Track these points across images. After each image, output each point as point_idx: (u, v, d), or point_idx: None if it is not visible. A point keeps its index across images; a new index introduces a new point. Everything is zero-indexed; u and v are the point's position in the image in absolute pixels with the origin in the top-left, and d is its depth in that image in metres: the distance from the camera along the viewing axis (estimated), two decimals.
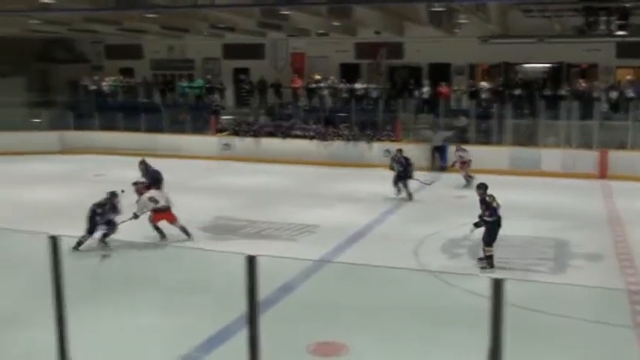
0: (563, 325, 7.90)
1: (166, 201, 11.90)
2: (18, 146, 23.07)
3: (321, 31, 24.35)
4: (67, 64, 29.94)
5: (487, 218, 10.17)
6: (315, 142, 22.20)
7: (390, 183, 15.86)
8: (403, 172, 15.84)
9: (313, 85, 25.12)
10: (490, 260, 10.16)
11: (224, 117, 25.16)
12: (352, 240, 12.13)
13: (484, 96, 22.83)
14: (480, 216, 10.31)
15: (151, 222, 11.82)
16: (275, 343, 4.76)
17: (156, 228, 11.86)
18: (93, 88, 27.37)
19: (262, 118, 24.02)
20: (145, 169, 14.31)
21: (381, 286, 8.90)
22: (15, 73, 28.67)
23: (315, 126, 22.84)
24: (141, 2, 16.72)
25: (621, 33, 19.31)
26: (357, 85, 24.52)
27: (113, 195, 11.52)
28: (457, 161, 18.25)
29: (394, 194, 15.75)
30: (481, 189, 10.50)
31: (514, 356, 3.96)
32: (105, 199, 11.41)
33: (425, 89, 23.38)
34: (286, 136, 22.72)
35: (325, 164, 21.15)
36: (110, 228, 11.29)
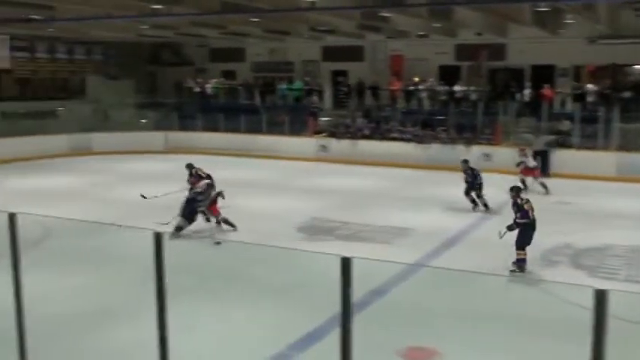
0: None
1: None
2: (126, 146, 24.20)
3: (421, 33, 24.16)
4: (174, 67, 31.19)
5: (519, 220, 10.07)
6: (412, 145, 22.05)
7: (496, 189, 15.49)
8: (471, 184, 15.06)
9: (411, 88, 24.95)
10: (521, 264, 9.96)
11: (322, 119, 25.41)
12: (447, 244, 11.97)
13: (590, 99, 21.94)
14: (514, 219, 10.18)
15: (212, 215, 12.37)
16: (366, 346, 4.77)
17: (224, 221, 12.49)
18: (197, 90, 28.32)
19: (359, 120, 24.08)
20: (191, 173, 14.37)
21: (477, 293, 8.74)
22: (125, 76, 30.22)
23: (412, 129, 22.68)
24: (245, 6, 17.15)
25: None
26: (457, 88, 24.16)
27: (210, 186, 12.47)
28: (521, 163, 17.49)
29: (471, 208, 14.97)
30: (513, 191, 10.50)
31: None
32: (204, 189, 12.33)
33: (526, 92, 22.73)
34: (383, 139, 22.69)
35: (422, 167, 20.97)
36: (208, 216, 12.15)
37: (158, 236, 4.56)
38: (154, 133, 25.75)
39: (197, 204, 12.25)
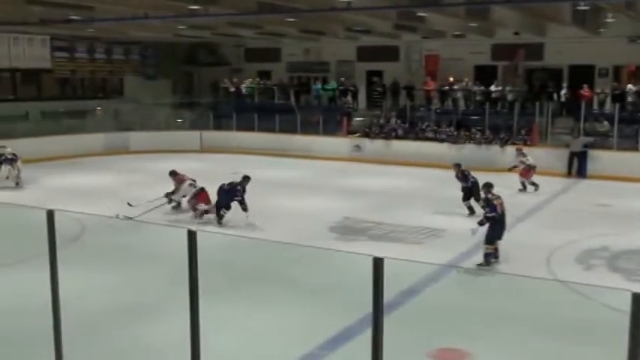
0: None
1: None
2: (162, 145, 24.45)
3: (457, 33, 23.97)
4: (210, 67, 31.47)
5: (488, 215, 10.47)
6: (446, 146, 21.89)
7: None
8: (467, 189, 14.34)
9: (446, 88, 24.78)
10: (488, 259, 10.35)
11: (356, 119, 25.39)
12: (480, 246, 11.83)
13: (630, 99, 21.52)
14: (483, 214, 10.64)
15: (193, 207, 13.84)
16: (396, 347, 4.77)
17: (206, 212, 13.74)
18: (232, 90, 28.51)
19: (393, 121, 23.99)
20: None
21: (509, 295, 8.64)
22: (162, 76, 30.62)
23: (447, 129, 22.52)
24: (281, 6, 17.23)
25: None
26: (493, 88, 23.91)
27: (246, 179, 13.52)
28: (518, 166, 17.25)
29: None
30: (484, 187, 11.05)
31: None
32: (239, 182, 13.48)
33: (562, 92, 22.41)
34: (417, 139, 22.58)
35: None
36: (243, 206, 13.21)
37: (192, 235, 4.62)
38: (190, 133, 26.00)
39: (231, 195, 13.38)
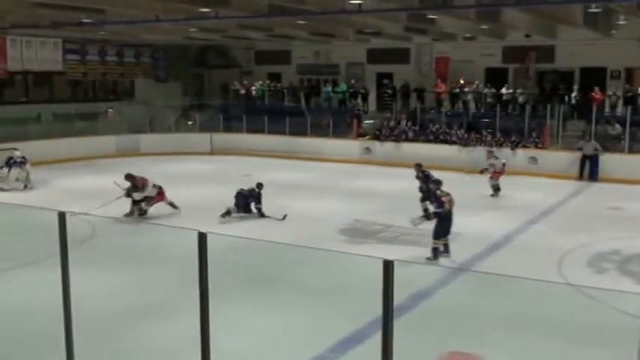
0: None
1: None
2: (172, 147, 24.53)
3: (468, 35, 23.91)
4: (220, 70, 31.56)
5: (435, 210, 10.90)
6: (456, 148, 21.84)
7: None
8: (427, 190, 13.80)
9: (457, 90, 24.73)
10: (435, 253, 10.71)
11: (366, 121, 25.38)
12: (492, 248, 11.81)
13: None
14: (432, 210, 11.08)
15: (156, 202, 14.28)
16: (406, 350, 4.76)
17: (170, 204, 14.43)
18: (242, 92, 28.57)
19: (403, 123, 23.95)
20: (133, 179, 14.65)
21: (521, 298, 8.60)
22: (173, 78, 30.74)
23: (457, 131, 22.46)
24: (291, 9, 17.24)
25: None
26: (503, 90, 23.85)
27: (260, 186, 14.35)
28: (489, 169, 17.13)
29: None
30: (434, 184, 11.58)
31: None
32: (257, 188, 14.32)
33: (573, 94, 22.31)
34: (427, 141, 22.53)
35: (466, 170, 20.73)
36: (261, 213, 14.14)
37: (202, 236, 4.63)
38: (200, 135, 26.05)
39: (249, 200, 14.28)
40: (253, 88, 28.52)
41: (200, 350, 4.75)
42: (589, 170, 19.56)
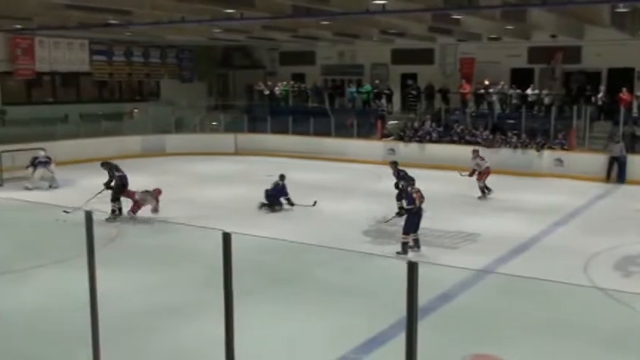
0: None
1: None
2: (197, 147, 24.69)
3: (493, 36, 23.76)
4: (245, 70, 31.71)
5: (406, 207, 11.23)
6: (481, 149, 21.64)
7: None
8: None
9: (482, 91, 24.57)
10: (405, 247, 11.08)
11: (390, 122, 25.31)
12: (516, 251, 11.71)
13: None
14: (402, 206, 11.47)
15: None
16: (430, 352, 4.74)
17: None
18: (267, 93, 28.67)
19: (428, 124, 23.85)
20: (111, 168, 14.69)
21: (545, 302, 8.53)
22: (198, 79, 30.96)
23: (482, 132, 22.31)
24: (316, 10, 17.27)
25: None
26: (529, 91, 23.64)
27: (283, 177, 14.99)
28: (475, 170, 16.93)
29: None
30: (406, 181, 12.08)
31: None
32: (280, 181, 14.93)
33: (600, 95, 22.04)
34: (452, 142, 22.41)
35: (491, 172, 20.57)
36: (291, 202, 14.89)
37: (226, 236, 4.65)
38: (225, 135, 26.17)
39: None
40: (277, 89, 28.59)
41: (224, 350, 4.77)
42: (617, 172, 19.31)
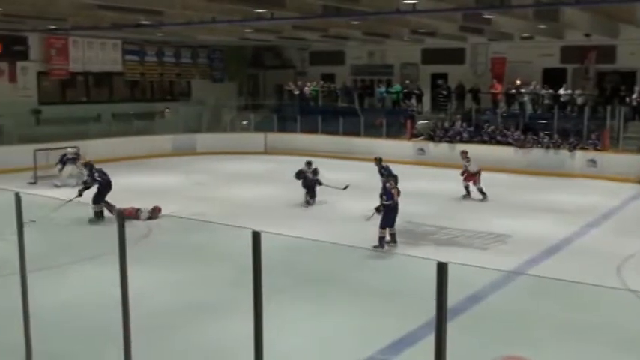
0: None
1: None
2: (228, 147, 24.87)
3: (525, 35, 23.50)
4: (275, 70, 31.81)
5: (385, 202, 11.59)
6: (512, 150, 21.48)
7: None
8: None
9: (513, 91, 24.32)
10: (382, 242, 11.45)
11: (420, 122, 25.19)
12: (548, 252, 11.58)
13: None
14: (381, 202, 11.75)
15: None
16: (460, 353, 4.70)
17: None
18: (296, 93, 28.74)
19: (458, 124, 23.69)
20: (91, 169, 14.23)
21: (578, 304, 8.41)
22: (229, 79, 31.15)
23: (513, 133, 22.09)
24: (346, 10, 17.26)
25: None
26: (562, 91, 23.34)
27: (309, 164, 15.64)
28: (467, 170, 16.66)
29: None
30: (384, 177, 12.78)
31: None
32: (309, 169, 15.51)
33: (634, 95, 21.67)
34: (482, 143, 22.23)
35: (522, 172, 20.39)
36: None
37: (256, 235, 4.67)
38: (255, 135, 26.32)
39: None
40: (306, 89, 28.64)
41: (254, 348, 4.80)
42: None
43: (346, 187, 14.80)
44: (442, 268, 3.98)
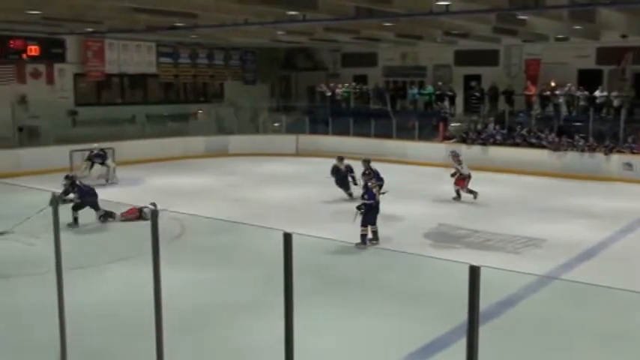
0: None
1: None
2: (260, 148, 24.99)
3: (560, 36, 23.19)
4: (307, 72, 31.87)
5: (366, 201, 11.83)
6: (546, 153, 21.20)
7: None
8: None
9: (547, 93, 24.01)
10: (364, 239, 11.69)
11: (452, 124, 25.01)
12: (582, 257, 11.40)
13: None
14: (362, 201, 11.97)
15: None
16: (492, 357, 4.66)
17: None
18: (328, 95, 28.75)
19: (491, 126, 23.48)
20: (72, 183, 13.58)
21: (611, 310, 8.28)
22: (261, 81, 31.32)
23: (548, 135, 21.81)
24: (379, 11, 17.22)
25: None
26: (597, 93, 22.97)
27: (340, 159, 16.56)
28: (457, 171, 16.45)
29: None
30: (365, 176, 13.10)
31: None
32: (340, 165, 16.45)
33: None
34: (516, 145, 21.99)
35: (557, 176, 20.13)
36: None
37: (287, 237, 4.69)
38: (286, 137, 26.39)
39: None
40: (338, 91, 28.63)
41: (284, 350, 4.82)
42: None
43: (384, 193, 14.48)
44: (474, 272, 3.95)
